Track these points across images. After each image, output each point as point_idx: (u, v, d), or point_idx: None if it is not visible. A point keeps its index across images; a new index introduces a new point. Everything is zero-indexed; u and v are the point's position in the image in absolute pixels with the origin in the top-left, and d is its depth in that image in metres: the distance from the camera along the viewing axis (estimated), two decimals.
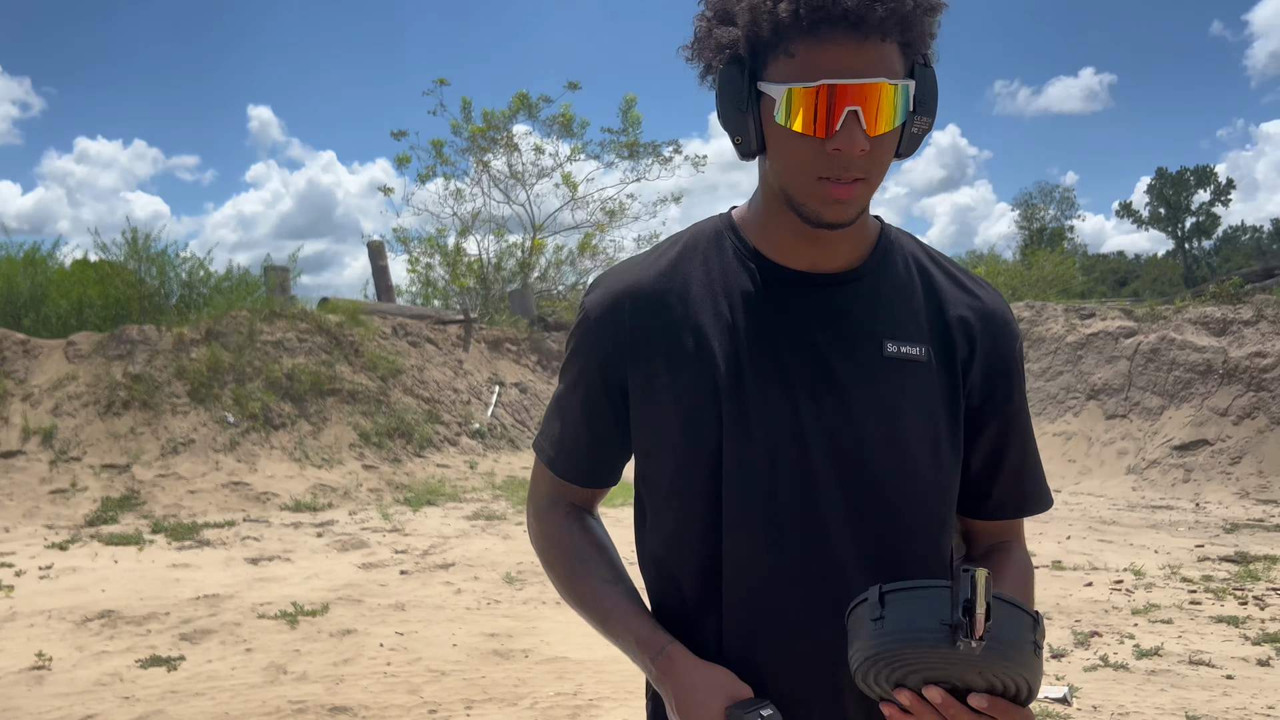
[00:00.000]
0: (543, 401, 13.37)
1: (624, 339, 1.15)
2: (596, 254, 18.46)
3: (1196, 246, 57.26)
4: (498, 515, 8.73)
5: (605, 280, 1.21)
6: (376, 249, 16.07)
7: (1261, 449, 10.96)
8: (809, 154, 1.03)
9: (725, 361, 1.11)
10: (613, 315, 1.16)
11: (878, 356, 1.12)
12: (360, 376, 11.56)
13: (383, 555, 7.07)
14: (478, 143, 17.83)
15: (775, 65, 1.03)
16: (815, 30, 0.99)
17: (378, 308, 13.76)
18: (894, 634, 0.95)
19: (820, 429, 1.11)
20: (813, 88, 1.00)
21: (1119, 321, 13.19)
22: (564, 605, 5.59)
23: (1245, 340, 11.96)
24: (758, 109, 1.05)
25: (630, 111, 18.19)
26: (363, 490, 9.75)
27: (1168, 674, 4.34)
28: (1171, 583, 6.15)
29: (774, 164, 1.08)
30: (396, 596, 5.82)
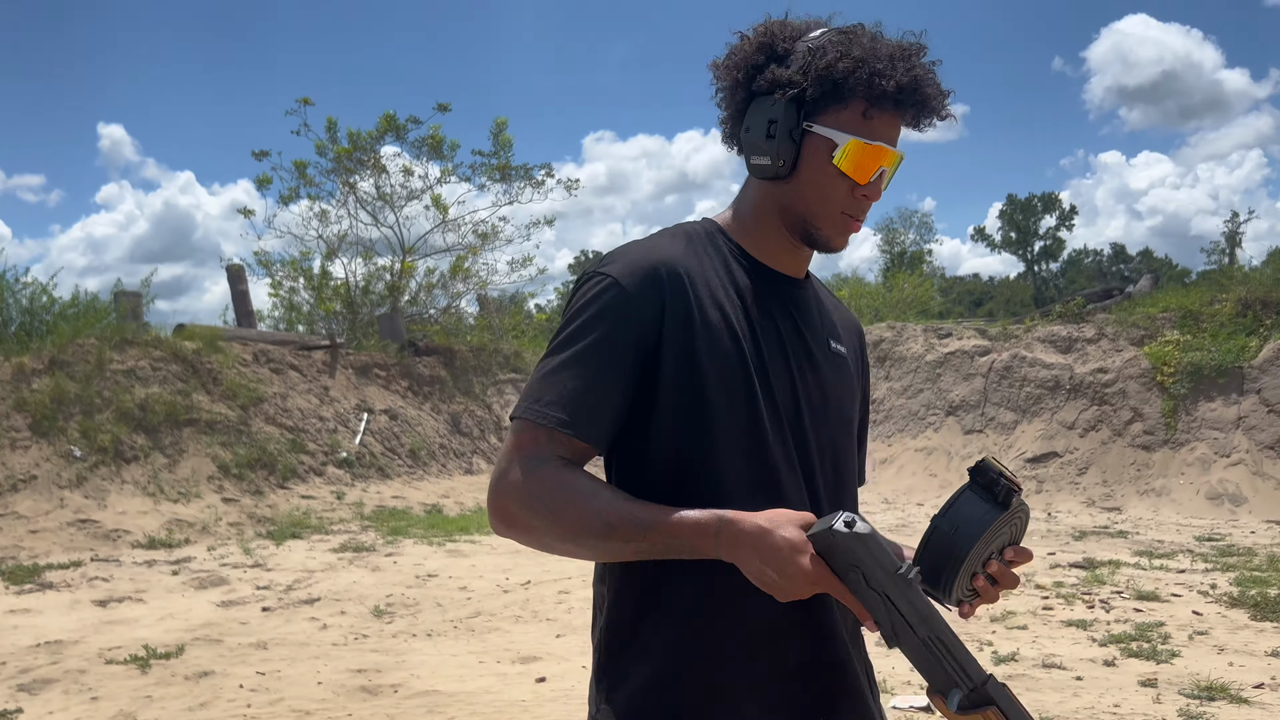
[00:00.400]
0: (414, 428, 13.10)
1: (664, 304, 1.26)
2: (469, 277, 18.24)
3: (1044, 269, 60.51)
4: (366, 547, 8.49)
5: (628, 253, 1.31)
6: (236, 273, 15.49)
7: (1105, 460, 11.62)
8: (843, 193, 1.30)
9: (745, 336, 1.30)
10: (652, 283, 1.26)
11: (828, 349, 1.41)
12: (219, 405, 11.09)
13: (243, 592, 6.77)
14: (343, 164, 17.41)
15: (834, 115, 1.27)
16: (884, 104, 1.26)
17: (238, 334, 13.24)
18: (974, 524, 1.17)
19: (807, 398, 1.35)
20: (872, 145, 1.27)
21: (974, 341, 13.80)
22: (434, 637, 5.46)
23: (1089, 357, 12.67)
24: (800, 143, 1.28)
25: (501, 135, 18.10)
26: (222, 524, 9.33)
27: (1023, 678, 4.52)
28: (1026, 590, 6.43)
29: (805, 191, 1.31)
30: (258, 635, 5.58)
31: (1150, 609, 5.80)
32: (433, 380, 14.32)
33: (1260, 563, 7.30)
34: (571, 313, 1.29)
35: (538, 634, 5.56)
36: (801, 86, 1.27)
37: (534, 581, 6.97)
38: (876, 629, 1.15)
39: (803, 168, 1.29)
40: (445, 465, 13.02)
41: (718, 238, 1.37)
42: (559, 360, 1.27)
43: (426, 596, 6.55)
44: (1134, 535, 8.98)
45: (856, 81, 1.25)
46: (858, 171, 1.28)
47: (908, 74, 1.25)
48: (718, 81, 1.36)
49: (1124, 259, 61.83)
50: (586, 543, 1.22)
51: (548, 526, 1.23)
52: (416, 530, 9.46)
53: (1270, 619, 5.47)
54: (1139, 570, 7.06)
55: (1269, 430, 10.75)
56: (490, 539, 9.06)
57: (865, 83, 1.24)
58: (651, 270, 1.28)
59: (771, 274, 1.37)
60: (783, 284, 1.38)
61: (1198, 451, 11.06)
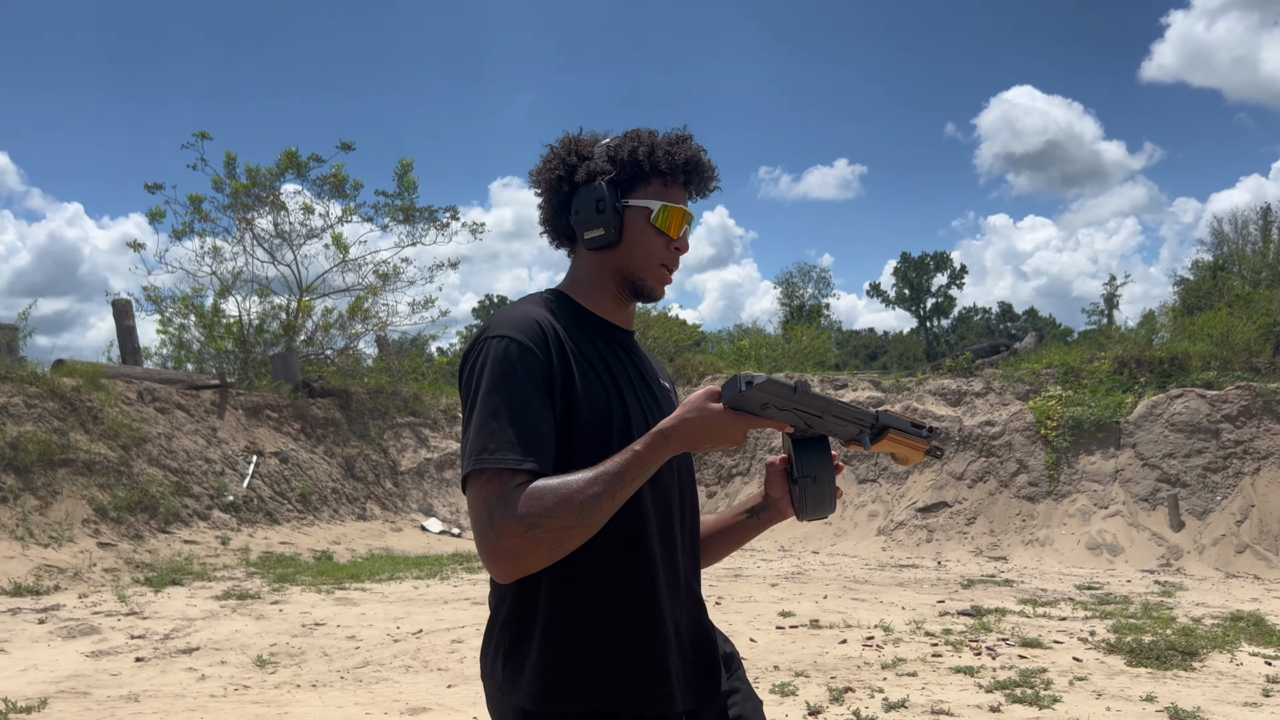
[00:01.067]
0: (306, 472, 12.72)
1: (558, 357, 1.53)
2: (368, 317, 17.93)
3: (936, 325, 62.60)
4: (251, 594, 8.16)
5: (511, 317, 1.56)
6: (122, 307, 14.90)
7: (992, 510, 11.97)
8: (660, 249, 1.65)
9: (611, 377, 1.60)
10: (541, 336, 1.53)
11: (658, 383, 1.74)
12: (99, 445, 10.59)
13: (116, 641, 6.43)
14: (241, 200, 17.01)
15: (641, 190, 1.63)
16: (675, 175, 1.65)
17: (122, 371, 12.71)
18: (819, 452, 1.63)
19: (655, 417, 1.63)
20: (676, 207, 1.65)
21: (869, 392, 14.13)
22: (319, 688, 5.27)
23: (977, 410, 13.10)
24: (622, 215, 1.62)
25: (406, 176, 17.94)
26: (97, 570, 8.87)
27: None
28: (916, 637, 6.54)
29: (632, 251, 1.64)
30: (130, 686, 5.29)
31: (1034, 655, 5.96)
32: (327, 422, 13.97)
33: (1135, 610, 7.59)
34: (482, 372, 1.50)
35: (428, 684, 5.41)
36: (613, 173, 1.62)
37: (426, 630, 6.80)
38: (794, 431, 1.58)
39: (627, 233, 1.63)
40: (337, 510, 12.66)
41: (565, 300, 1.67)
42: (489, 412, 1.47)
43: (313, 646, 6.32)
44: (1019, 584, 9.25)
45: (654, 162, 1.62)
46: (672, 228, 1.64)
47: (688, 153, 1.65)
48: (539, 184, 1.69)
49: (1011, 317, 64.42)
50: (588, 517, 1.43)
51: (554, 531, 1.42)
52: (304, 577, 9.15)
53: (1145, 664, 5.68)
54: (1023, 618, 7.26)
55: (1143, 483, 11.25)
56: (383, 587, 8.82)
57: (661, 161, 1.62)
58: (537, 326, 1.54)
59: (610, 326, 1.69)
60: (619, 334, 1.70)
61: (1078, 503, 11.50)
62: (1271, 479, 10.69)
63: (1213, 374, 11.96)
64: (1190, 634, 6.48)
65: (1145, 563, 10.43)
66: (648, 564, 1.57)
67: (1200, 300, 19.93)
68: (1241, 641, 6.33)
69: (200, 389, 13.00)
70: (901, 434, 1.64)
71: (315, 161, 17.24)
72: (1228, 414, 11.27)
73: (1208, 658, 5.85)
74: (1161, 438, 11.43)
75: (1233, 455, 11.02)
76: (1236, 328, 13.26)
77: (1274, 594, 8.74)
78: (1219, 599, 8.38)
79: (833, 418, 1.59)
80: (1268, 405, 11.18)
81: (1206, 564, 10.18)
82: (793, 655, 5.99)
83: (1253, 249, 33.42)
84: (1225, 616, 7.31)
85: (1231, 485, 10.83)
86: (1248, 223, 38.59)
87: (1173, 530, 10.76)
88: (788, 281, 57.96)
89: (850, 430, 1.61)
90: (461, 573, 9.87)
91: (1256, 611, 7.54)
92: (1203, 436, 11.24)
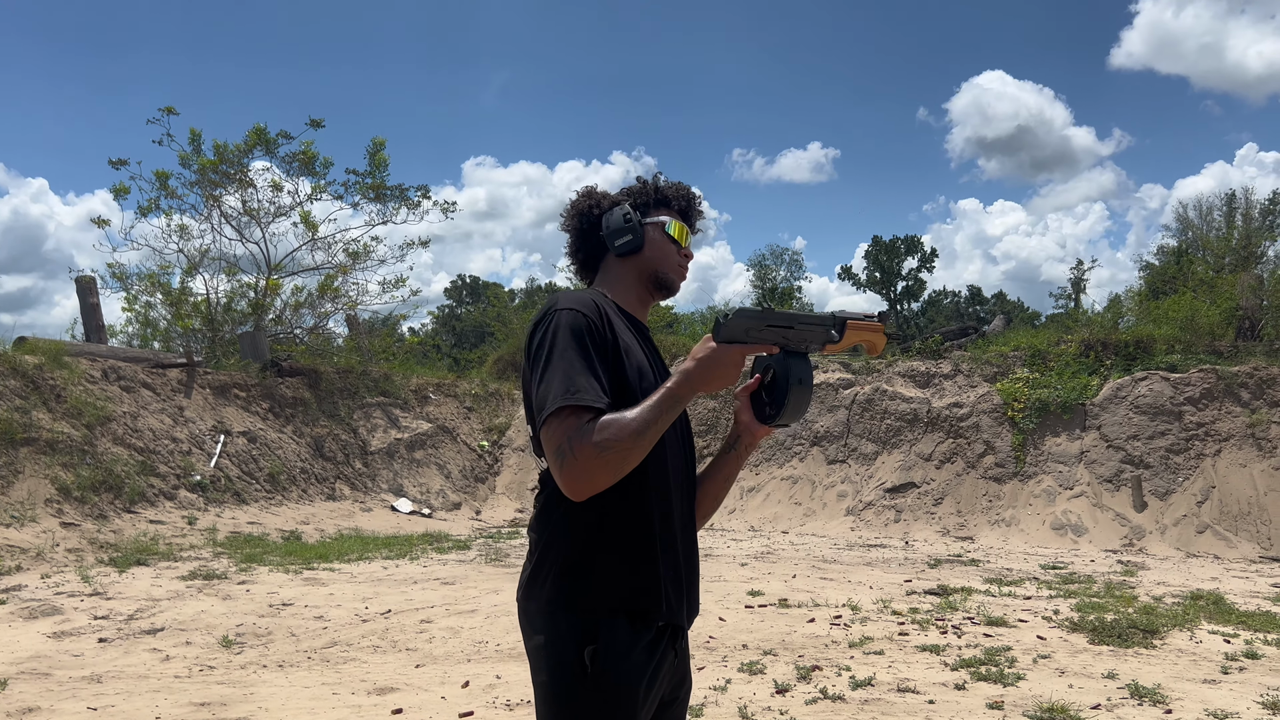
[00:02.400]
0: (274, 452, 12.61)
1: (610, 332, 1.91)
2: (338, 296, 17.76)
3: (906, 308, 62.92)
4: (217, 574, 8.10)
5: (579, 297, 1.93)
6: (86, 285, 14.66)
7: (959, 490, 12.08)
8: (674, 253, 2.12)
9: (643, 358, 1.99)
10: (600, 313, 1.91)
11: (665, 366, 2.10)
12: (62, 424, 10.45)
13: (79, 622, 6.36)
14: (208, 176, 16.76)
15: (658, 212, 2.13)
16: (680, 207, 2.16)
17: (86, 349, 12.52)
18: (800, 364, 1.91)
19: None
20: (681, 224, 2.15)
21: (839, 374, 14.19)
22: (286, 668, 5.24)
23: (945, 392, 13.19)
24: (643, 229, 2.09)
25: (378, 154, 17.75)
26: (59, 550, 8.76)
27: (879, 702, 4.62)
28: (883, 616, 6.60)
29: (653, 254, 2.10)
30: (92, 667, 5.23)
31: (999, 634, 6.03)
32: (296, 402, 13.85)
33: (1098, 590, 7.70)
34: (556, 334, 1.85)
35: (396, 664, 5.40)
36: (637, 198, 2.13)
37: (395, 611, 6.77)
38: (776, 348, 1.90)
39: (649, 241, 2.10)
40: (306, 491, 12.58)
41: (605, 298, 2.03)
42: (557, 364, 1.82)
43: (280, 626, 6.28)
44: (985, 563, 9.35)
45: (662, 193, 2.15)
46: (681, 237, 2.13)
47: (687, 191, 2.19)
48: (570, 220, 2.15)
49: (980, 300, 64.89)
50: (639, 441, 1.77)
51: (620, 452, 1.76)
52: (272, 558, 9.09)
53: (1107, 643, 5.77)
54: (989, 597, 7.35)
55: (1107, 464, 11.39)
56: (351, 567, 8.78)
57: (668, 194, 2.15)
58: (596, 305, 1.92)
59: (636, 320, 2.10)
60: (642, 327, 2.12)
61: (1044, 484, 11.63)
62: (1232, 460, 10.86)
63: (1177, 357, 12.12)
64: (1151, 613, 6.58)
65: (1109, 543, 10.58)
66: (667, 498, 1.96)
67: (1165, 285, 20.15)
68: (1201, 620, 6.44)
69: (167, 367, 12.84)
70: (859, 323, 1.93)
71: (284, 138, 17.02)
72: (1190, 396, 11.43)
73: (1168, 636, 5.95)
74: (1126, 420, 11.57)
75: (1195, 437, 11.18)
76: (1200, 312, 13.42)
77: (1233, 573, 8.90)
78: (1180, 578, 8.52)
79: (803, 325, 1.89)
80: (1229, 388, 11.34)
81: (1168, 544, 10.34)
82: (761, 634, 6.03)
83: (1217, 235, 33.82)
84: (1185, 595, 7.43)
85: (1193, 467, 10.99)
86: (1212, 209, 39.04)
87: (1136, 511, 10.92)
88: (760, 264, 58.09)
89: (820, 333, 1.90)
90: (431, 553, 9.85)
91: (1216, 590, 7.67)
92: (1166, 419, 11.39)
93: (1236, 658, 5.44)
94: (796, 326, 1.89)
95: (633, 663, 1.87)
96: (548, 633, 1.88)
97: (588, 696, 1.84)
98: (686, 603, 2.01)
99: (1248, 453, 10.87)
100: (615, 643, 1.86)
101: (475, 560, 9.36)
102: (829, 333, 1.90)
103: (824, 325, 1.90)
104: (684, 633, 2.04)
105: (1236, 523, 10.35)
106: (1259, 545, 10.04)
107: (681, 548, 2.01)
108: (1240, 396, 11.28)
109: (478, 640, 5.88)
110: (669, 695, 2.03)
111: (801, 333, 1.89)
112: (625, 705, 1.86)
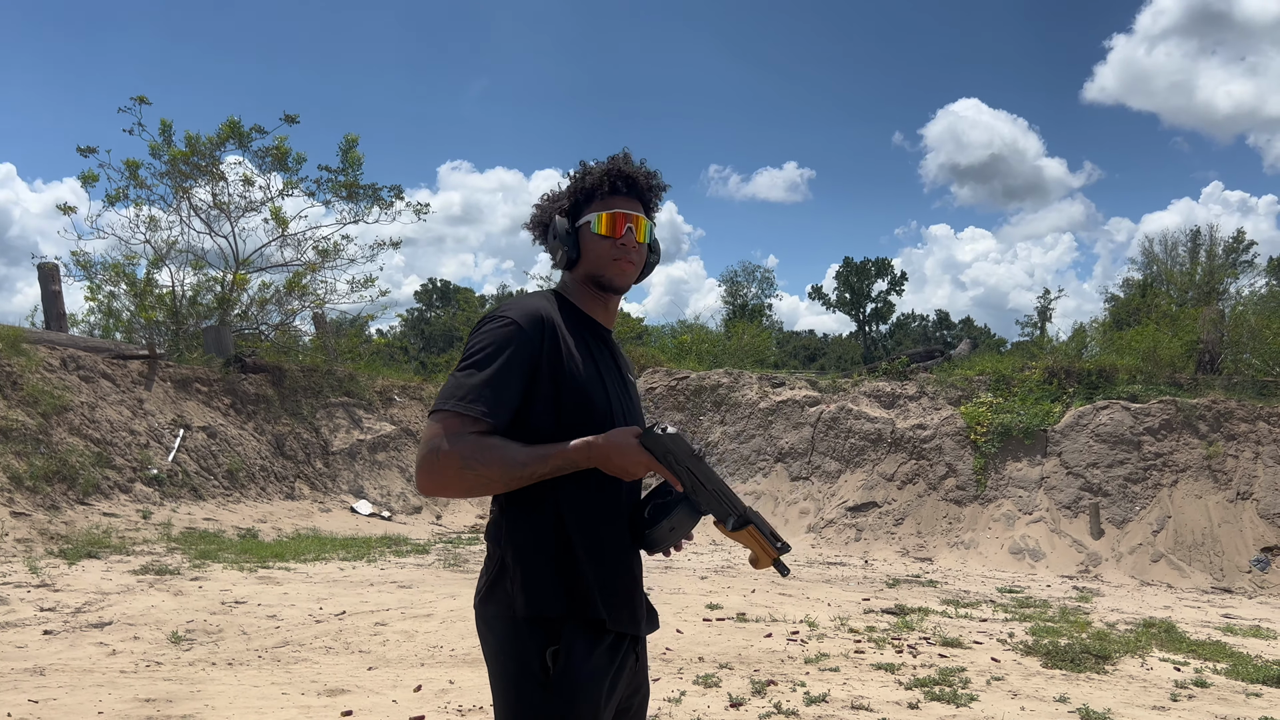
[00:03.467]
0: (234, 448, 12.45)
1: (549, 343, 1.92)
2: (306, 294, 17.60)
3: (875, 329, 63.41)
4: (170, 569, 7.97)
5: (521, 304, 1.96)
6: (48, 271, 14.44)
7: (920, 511, 12.16)
8: (607, 248, 2.05)
9: (595, 365, 2.01)
10: (538, 324, 1.92)
11: (628, 374, 2.18)
12: (16, 412, 10.25)
13: (24, 613, 6.22)
14: (179, 168, 16.57)
15: (588, 209, 2.07)
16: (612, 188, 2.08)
17: (45, 336, 12.31)
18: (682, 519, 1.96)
19: (623, 400, 2.09)
20: (610, 212, 2.06)
21: (805, 391, 14.25)
22: (235, 666, 5.16)
23: (910, 413, 13.29)
24: (577, 235, 2.08)
25: (351, 152, 17.64)
26: (9, 540, 8.58)
27: (833, 718, 4.62)
28: (840, 633, 6.61)
29: (587, 258, 2.07)
30: (35, 660, 5.12)
31: (954, 655, 6.06)
32: (258, 399, 13.69)
33: (1053, 614, 7.76)
34: (482, 340, 1.89)
35: (349, 666, 5.33)
36: (565, 205, 2.11)
37: (350, 612, 6.69)
38: (683, 488, 1.89)
39: (583, 247, 2.07)
40: (265, 489, 12.42)
41: (562, 299, 2.08)
42: (471, 369, 1.87)
43: (231, 624, 6.19)
44: (943, 585, 9.40)
45: (592, 184, 2.07)
46: (609, 230, 2.05)
47: (620, 169, 2.08)
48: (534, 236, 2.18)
49: (947, 325, 65.52)
50: (507, 477, 1.82)
51: (479, 476, 1.81)
52: (227, 555, 8.96)
53: (1060, 667, 5.81)
54: (945, 618, 7.38)
55: (1066, 491, 11.52)
56: (308, 567, 8.67)
57: (598, 182, 2.07)
58: (538, 316, 1.93)
59: (594, 323, 2.10)
60: (601, 330, 2.12)
61: (1004, 508, 11.73)
62: (1188, 491, 11.01)
63: (1138, 387, 12.28)
64: (1104, 639, 6.65)
65: (1065, 568, 10.68)
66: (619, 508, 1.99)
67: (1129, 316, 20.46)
68: (1153, 647, 6.51)
69: (128, 359, 12.65)
70: (760, 534, 1.94)
71: (258, 133, 16.88)
72: (1150, 427, 11.58)
73: (1120, 662, 6.01)
74: (1086, 447, 11.70)
75: (1153, 467, 11.33)
76: (1162, 344, 13.63)
77: (1185, 603, 9.01)
78: (1133, 606, 8.61)
79: (713, 491, 1.91)
80: (1188, 420, 11.51)
81: (1123, 571, 10.46)
82: (718, 647, 6.02)
83: (1181, 270, 34.42)
84: (1138, 623, 7.51)
85: (1150, 496, 11.14)
86: (1177, 244, 39.78)
87: (1093, 538, 11.04)
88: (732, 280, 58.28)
89: (721, 510, 1.92)
90: (389, 556, 9.75)
91: (1168, 619, 7.76)
92: (1125, 448, 11.53)
93: (1186, 685, 5.50)
94: (709, 487, 1.90)
95: (594, 666, 1.88)
96: (509, 637, 1.89)
97: (550, 699, 1.85)
98: (645, 612, 2.03)
99: (1203, 484, 11.03)
100: (577, 646, 1.87)
101: (434, 564, 9.28)
102: (729, 517, 1.92)
103: (731, 508, 1.92)
104: (643, 641, 2.07)
105: (1190, 553, 10.49)
106: (1211, 576, 10.17)
107: (635, 558, 2.04)
108: (1198, 429, 11.44)
109: (432, 644, 5.82)
110: (625, 703, 2.03)
111: (709, 496, 1.91)
112: (587, 707, 1.86)
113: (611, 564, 1.95)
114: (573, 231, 2.07)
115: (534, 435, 1.91)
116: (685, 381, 15.10)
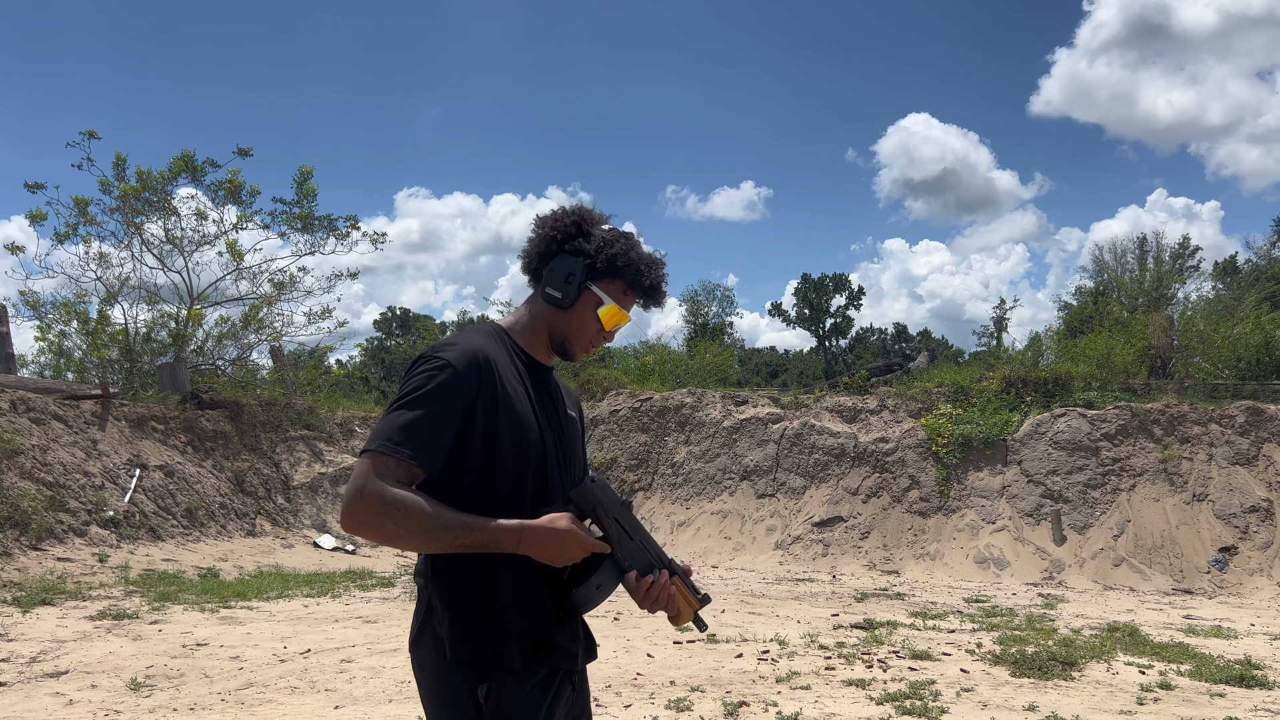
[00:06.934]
0: (192, 486, 12.25)
1: (485, 384, 1.88)
2: (263, 327, 17.40)
3: (835, 344, 63.91)
4: (128, 614, 7.80)
5: (458, 343, 1.92)
6: None
7: (885, 524, 12.23)
8: (593, 332, 2.04)
9: (532, 406, 1.98)
10: (474, 366, 1.88)
11: (565, 413, 2.11)
12: None
13: None
14: (130, 203, 16.36)
15: (606, 283, 2.02)
16: (638, 292, 2.05)
17: None
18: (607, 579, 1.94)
19: (560, 442, 2.05)
20: (622, 312, 2.04)
21: (768, 408, 14.31)
22: (197, 711, 5.06)
23: (871, 427, 13.38)
24: (581, 292, 2.01)
25: (306, 184, 17.52)
26: None
27: None
28: (810, 651, 6.62)
29: (572, 323, 2.03)
30: None
31: (923, 667, 6.08)
32: (216, 435, 13.48)
33: (1020, 623, 7.83)
34: (416, 382, 1.85)
35: (314, 705, 5.24)
36: (594, 259, 2.00)
37: (314, 650, 6.59)
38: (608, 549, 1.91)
39: (577, 308, 2.02)
40: (225, 526, 12.22)
41: (505, 337, 2.05)
42: (403, 410, 1.83)
43: (193, 667, 6.06)
44: (910, 597, 9.45)
45: (628, 271, 2.01)
46: (609, 323, 2.03)
47: (657, 278, 2.06)
48: (537, 231, 2.05)
49: (905, 338, 66.21)
50: (427, 538, 1.79)
51: (399, 527, 1.77)
52: (188, 596, 8.79)
53: (1028, 675, 5.85)
54: (914, 631, 7.42)
55: (1028, 499, 11.64)
56: (271, 605, 8.53)
57: (633, 275, 2.02)
58: (474, 357, 1.89)
59: (535, 363, 2.06)
60: (541, 370, 2.08)
61: (967, 518, 11.83)
62: (1145, 495, 11.18)
63: (1094, 394, 12.47)
64: (1070, 645, 6.71)
65: (1030, 576, 10.78)
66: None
67: (1083, 324, 20.79)
68: (1117, 651, 6.58)
69: (80, 399, 12.42)
70: (684, 588, 1.99)
71: (211, 166, 16.73)
72: (1106, 432, 11.76)
73: (1086, 668, 6.06)
74: (1045, 455, 11.85)
75: (1111, 472, 11.49)
76: (1115, 351, 13.86)
77: (1147, 605, 9.13)
78: (1097, 610, 8.71)
79: (639, 543, 1.95)
80: (1143, 425, 11.70)
81: (1086, 577, 10.58)
82: (689, 670, 6.00)
83: (1130, 277, 35.07)
84: (1103, 627, 7.59)
85: (1110, 501, 11.29)
86: (1126, 252, 40.49)
87: (1055, 544, 11.16)
88: (693, 300, 58.47)
89: (646, 561, 1.96)
90: (354, 590, 9.62)
91: (1131, 622, 7.86)
92: (1084, 454, 11.70)
93: (1151, 689, 5.56)
94: (635, 539, 1.94)
95: (526, 700, 1.89)
96: (440, 676, 1.90)
97: None
98: (582, 644, 2.03)
99: (1160, 487, 11.20)
100: (507, 682, 1.88)
101: (399, 598, 9.17)
102: (654, 568, 1.95)
103: (658, 560, 1.96)
104: (582, 670, 2.06)
105: (1150, 555, 10.64)
106: (1171, 578, 10.32)
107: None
108: (1153, 433, 11.63)
109: (400, 680, 5.74)
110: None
111: (634, 548, 1.94)
112: None
113: (538, 604, 1.93)
114: (582, 288, 2.00)
115: (467, 478, 1.89)
116: (649, 403, 15.11)
